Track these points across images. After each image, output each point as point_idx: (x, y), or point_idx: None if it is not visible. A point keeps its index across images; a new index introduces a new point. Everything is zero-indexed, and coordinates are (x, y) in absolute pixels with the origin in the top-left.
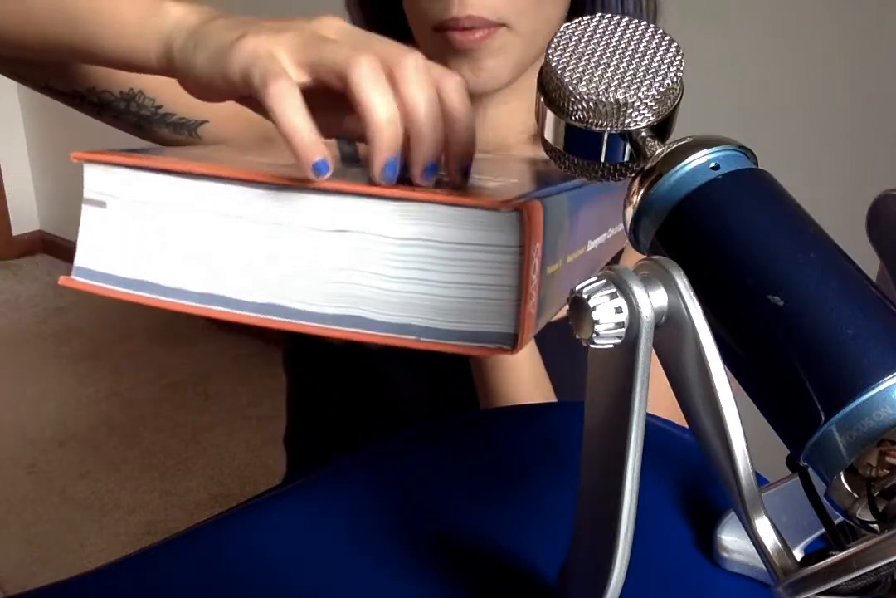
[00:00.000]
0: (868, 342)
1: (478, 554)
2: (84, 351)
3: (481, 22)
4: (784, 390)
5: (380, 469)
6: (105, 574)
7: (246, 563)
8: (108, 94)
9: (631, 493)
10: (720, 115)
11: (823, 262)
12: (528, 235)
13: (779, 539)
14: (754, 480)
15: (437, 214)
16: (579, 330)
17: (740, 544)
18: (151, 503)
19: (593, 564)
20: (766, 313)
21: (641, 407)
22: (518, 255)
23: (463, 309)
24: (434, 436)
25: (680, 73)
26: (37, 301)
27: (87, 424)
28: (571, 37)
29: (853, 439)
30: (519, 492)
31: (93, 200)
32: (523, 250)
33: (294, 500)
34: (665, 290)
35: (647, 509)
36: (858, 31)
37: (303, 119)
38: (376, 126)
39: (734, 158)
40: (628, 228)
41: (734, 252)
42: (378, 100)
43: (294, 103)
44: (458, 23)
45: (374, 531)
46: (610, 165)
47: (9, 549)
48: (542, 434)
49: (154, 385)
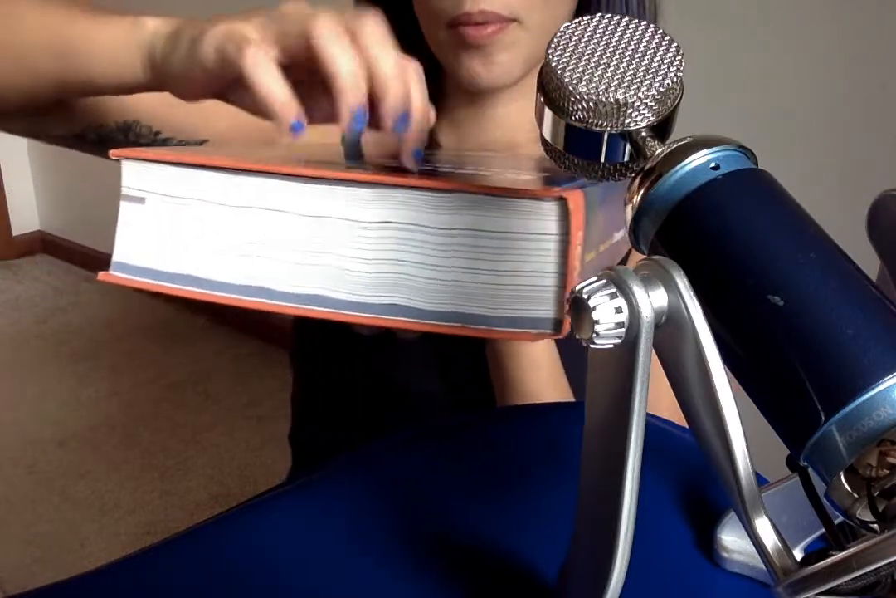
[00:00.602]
0: (868, 342)
1: (477, 554)
2: (84, 351)
3: (494, 17)
4: (784, 390)
5: (380, 469)
6: (105, 574)
7: (246, 563)
8: (105, 128)
9: (631, 493)
10: (720, 115)
11: (823, 262)
12: (572, 223)
13: (779, 539)
14: (754, 480)
15: (480, 203)
16: (579, 330)
17: (740, 544)
18: (151, 503)
19: (593, 564)
20: (766, 313)
21: (641, 407)
22: (561, 242)
23: (507, 296)
24: (434, 436)
25: (680, 73)
26: (37, 301)
27: (87, 424)
28: (571, 37)
29: (853, 439)
30: (519, 492)
31: (131, 196)
32: (566, 238)
33: (294, 500)
34: (665, 290)
35: (647, 509)
36: (858, 31)
37: (278, 83)
38: (339, 76)
39: (734, 158)
40: (628, 228)
41: (734, 252)
42: (338, 52)
43: (269, 69)
44: (470, 18)
45: (374, 531)
46: (610, 165)
47: (9, 549)
48: (542, 434)
49: (154, 385)
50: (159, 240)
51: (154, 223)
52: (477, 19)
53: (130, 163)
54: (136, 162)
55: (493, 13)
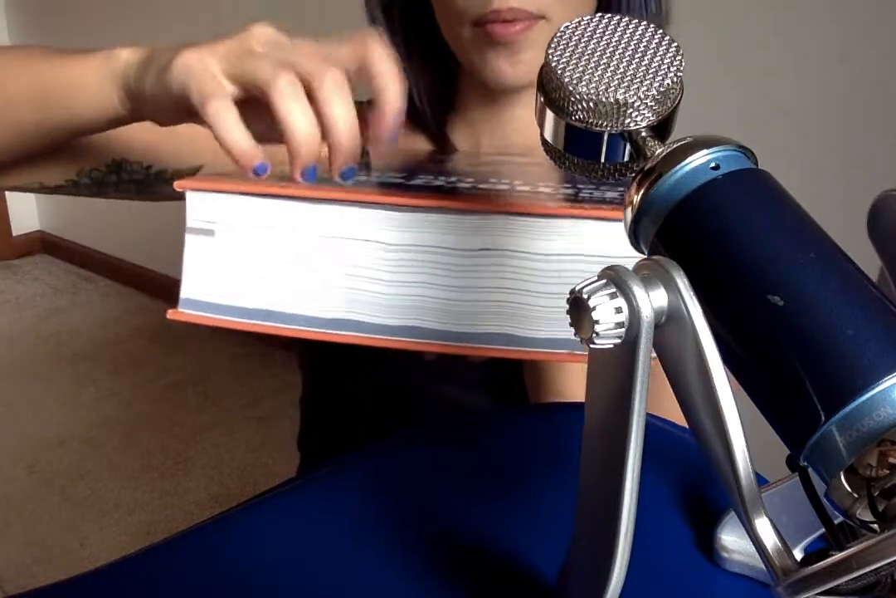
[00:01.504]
0: (868, 342)
1: (478, 554)
2: (84, 351)
3: (523, 14)
4: (784, 390)
5: (381, 469)
6: (105, 574)
7: (246, 563)
8: (97, 171)
9: (631, 493)
10: (720, 115)
11: (823, 262)
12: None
13: (779, 539)
14: (754, 480)
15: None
16: (579, 330)
17: (740, 544)
18: (151, 503)
19: (593, 564)
20: (766, 313)
21: (641, 407)
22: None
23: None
24: (434, 436)
25: (680, 73)
26: (37, 301)
27: (87, 424)
28: (571, 37)
29: (853, 439)
30: (519, 492)
31: (198, 228)
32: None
33: (294, 500)
34: (665, 290)
35: (647, 509)
36: (858, 31)
37: (240, 132)
38: (292, 135)
39: (734, 158)
40: (628, 228)
41: (734, 252)
42: (293, 109)
43: (230, 119)
44: (499, 15)
45: (375, 531)
46: (610, 165)
47: (9, 549)
48: (542, 434)
49: (154, 385)
50: (232, 273)
51: (224, 256)
52: (506, 16)
53: (197, 194)
54: (202, 193)
55: (522, 10)
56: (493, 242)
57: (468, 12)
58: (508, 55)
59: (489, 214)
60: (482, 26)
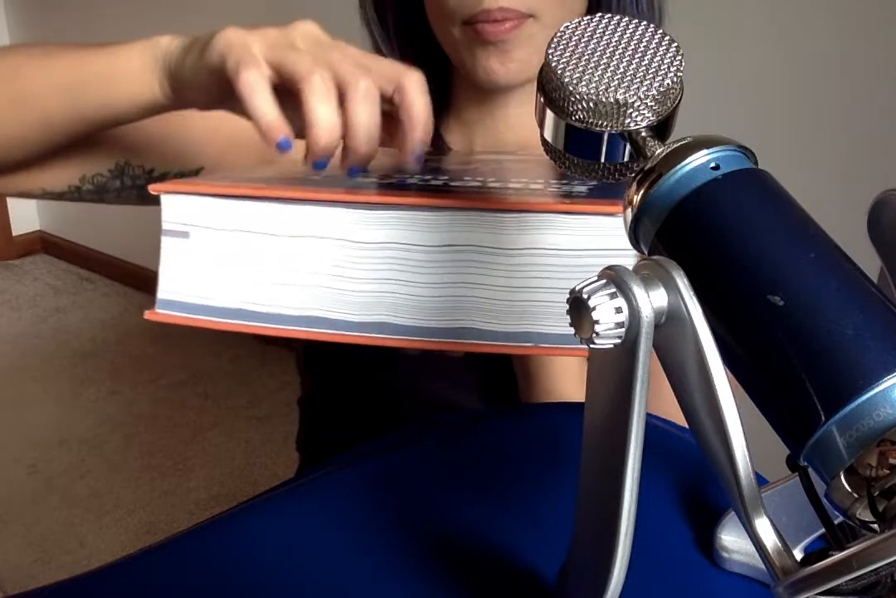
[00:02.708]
0: (868, 342)
1: (477, 554)
2: (84, 351)
3: (512, 13)
4: (784, 390)
5: (380, 469)
6: (105, 574)
7: (246, 563)
8: (100, 176)
9: (631, 493)
10: (720, 115)
11: (823, 262)
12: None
13: (779, 539)
14: (754, 480)
15: (550, 222)
16: (579, 330)
17: (740, 544)
18: (151, 503)
19: (593, 564)
20: (766, 312)
21: (641, 407)
22: (634, 257)
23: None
24: (434, 436)
25: (680, 73)
26: (37, 301)
27: (87, 424)
28: (571, 37)
29: (853, 439)
30: (519, 492)
31: (173, 231)
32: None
33: (294, 500)
34: (665, 290)
35: (647, 509)
36: (858, 31)
37: (269, 105)
38: (314, 128)
39: (734, 158)
40: (628, 228)
41: (734, 252)
42: (321, 105)
43: (261, 89)
44: (489, 15)
45: (374, 530)
46: (610, 165)
47: (9, 549)
48: (542, 434)
49: (154, 385)
50: (207, 274)
51: (199, 257)
52: (496, 16)
53: (171, 196)
54: (176, 196)
55: (512, 9)
56: (458, 237)
57: (459, 12)
58: (499, 54)
59: (454, 210)
60: (472, 26)
